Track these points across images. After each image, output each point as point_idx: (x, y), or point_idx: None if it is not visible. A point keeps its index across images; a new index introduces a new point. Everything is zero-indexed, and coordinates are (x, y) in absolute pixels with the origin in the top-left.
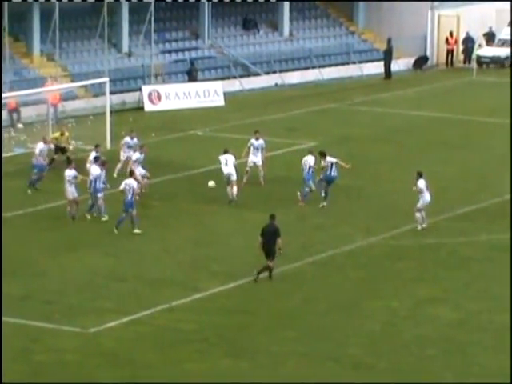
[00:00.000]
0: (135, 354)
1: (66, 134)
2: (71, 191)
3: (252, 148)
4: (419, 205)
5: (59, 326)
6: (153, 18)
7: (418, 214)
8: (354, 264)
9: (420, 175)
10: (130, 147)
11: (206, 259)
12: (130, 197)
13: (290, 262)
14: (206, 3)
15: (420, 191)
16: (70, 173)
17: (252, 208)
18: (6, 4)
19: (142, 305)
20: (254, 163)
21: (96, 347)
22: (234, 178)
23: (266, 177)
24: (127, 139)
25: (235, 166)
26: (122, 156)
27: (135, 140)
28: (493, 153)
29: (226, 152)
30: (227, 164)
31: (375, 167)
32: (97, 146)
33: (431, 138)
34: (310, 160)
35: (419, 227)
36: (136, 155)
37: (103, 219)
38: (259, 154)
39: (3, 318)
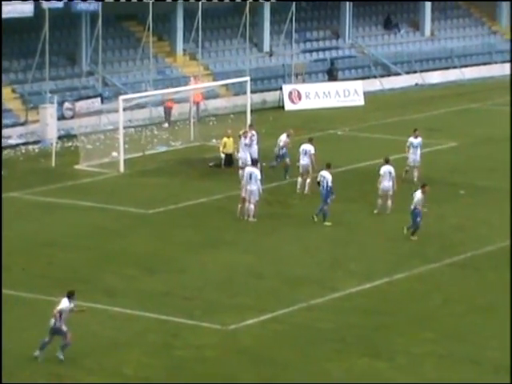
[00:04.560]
0: (274, 352)
1: (231, 139)
2: (250, 190)
3: (411, 147)
4: None
5: (199, 323)
6: (294, 18)
7: None
8: (493, 265)
9: None
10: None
11: (344, 258)
12: (325, 187)
13: (429, 263)
14: (348, 3)
15: None
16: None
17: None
18: (150, 4)
19: (280, 303)
20: (414, 161)
21: (235, 344)
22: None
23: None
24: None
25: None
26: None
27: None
28: None
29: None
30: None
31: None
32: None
33: None
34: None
35: None
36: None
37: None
38: (418, 152)
39: (144, 313)
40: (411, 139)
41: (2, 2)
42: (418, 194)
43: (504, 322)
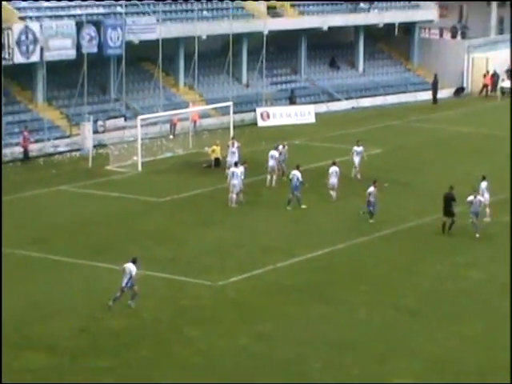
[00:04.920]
0: (251, 301)
1: (218, 147)
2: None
3: (355, 153)
4: (487, 202)
5: (196, 280)
6: (264, 59)
7: (487, 210)
8: (410, 237)
9: (483, 178)
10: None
11: (302, 233)
12: (295, 182)
13: (363, 236)
14: (303, 49)
15: (482, 192)
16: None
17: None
18: (160, 46)
19: (255, 265)
20: (358, 164)
21: (223, 295)
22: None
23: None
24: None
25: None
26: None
27: (236, 148)
28: None
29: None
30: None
31: (426, 166)
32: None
33: (466, 146)
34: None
35: (488, 219)
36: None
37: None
38: (359, 157)
39: (157, 274)
40: (355, 148)
41: (53, 45)
42: (371, 189)
43: (417, 278)
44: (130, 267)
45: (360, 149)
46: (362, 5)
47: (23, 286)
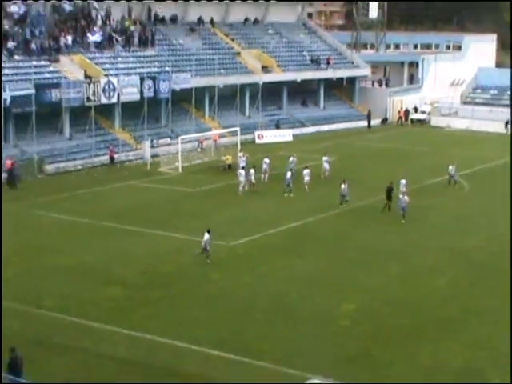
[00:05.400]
0: (252, 255)
1: (230, 156)
2: (248, 178)
3: (324, 161)
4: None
5: (217, 242)
6: (260, 100)
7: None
8: (360, 213)
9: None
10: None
11: (285, 212)
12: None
13: (325, 213)
14: (284, 93)
15: (402, 186)
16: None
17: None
18: (193, 92)
19: (254, 232)
20: (326, 169)
21: (234, 251)
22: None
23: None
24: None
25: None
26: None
27: (244, 157)
28: (420, 162)
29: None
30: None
31: (365, 169)
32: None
33: (390, 156)
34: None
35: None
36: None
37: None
38: (326, 164)
39: (190, 237)
40: (324, 157)
41: (125, 91)
42: (343, 186)
43: (358, 239)
44: (206, 235)
45: (327, 158)
46: (322, 65)
47: (106, 244)
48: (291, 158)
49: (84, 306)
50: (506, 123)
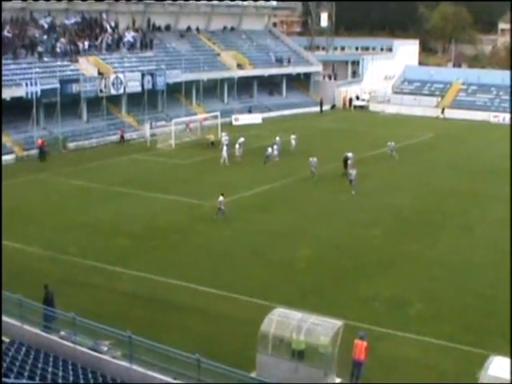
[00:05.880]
0: (231, 211)
1: (213, 135)
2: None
3: (292, 139)
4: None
5: (201, 202)
6: (236, 91)
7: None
8: (312, 182)
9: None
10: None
11: (258, 178)
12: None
13: (285, 179)
14: (255, 85)
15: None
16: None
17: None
18: (183, 85)
19: (232, 194)
20: (292, 146)
21: (238, 203)
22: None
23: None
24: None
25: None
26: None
27: (227, 137)
28: (361, 139)
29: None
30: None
31: (319, 144)
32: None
33: (337, 134)
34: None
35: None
36: (241, 140)
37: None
38: (293, 141)
39: (182, 199)
40: (292, 136)
41: (130, 85)
42: (311, 159)
43: (314, 199)
44: (221, 198)
45: (294, 136)
46: (284, 63)
47: (114, 204)
48: (277, 138)
49: (99, 253)
50: (442, 110)
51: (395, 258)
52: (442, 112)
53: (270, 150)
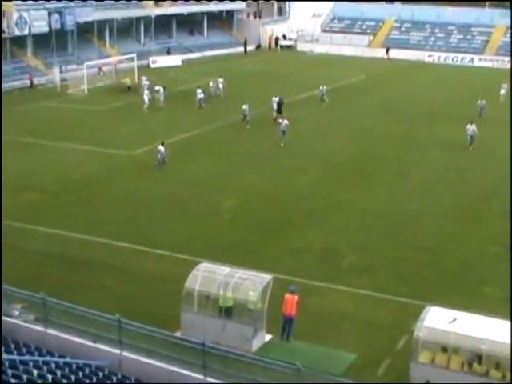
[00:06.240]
0: (148, 162)
1: (129, 79)
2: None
3: (219, 82)
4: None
5: (119, 151)
6: (153, 31)
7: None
8: (237, 126)
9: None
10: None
11: (183, 124)
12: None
13: (210, 125)
14: (174, 24)
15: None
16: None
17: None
18: (95, 24)
19: (151, 143)
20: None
21: (134, 160)
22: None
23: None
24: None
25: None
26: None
27: (148, 82)
28: (289, 81)
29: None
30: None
31: (246, 87)
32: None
33: (263, 76)
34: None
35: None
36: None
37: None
38: (221, 85)
39: (99, 149)
40: (219, 79)
41: (36, 24)
42: (244, 106)
43: (240, 146)
44: (161, 147)
45: (222, 80)
46: (205, 0)
47: (23, 157)
48: (211, 83)
49: (6, 210)
50: (387, 50)
51: (326, 207)
52: (387, 52)
53: (199, 92)
